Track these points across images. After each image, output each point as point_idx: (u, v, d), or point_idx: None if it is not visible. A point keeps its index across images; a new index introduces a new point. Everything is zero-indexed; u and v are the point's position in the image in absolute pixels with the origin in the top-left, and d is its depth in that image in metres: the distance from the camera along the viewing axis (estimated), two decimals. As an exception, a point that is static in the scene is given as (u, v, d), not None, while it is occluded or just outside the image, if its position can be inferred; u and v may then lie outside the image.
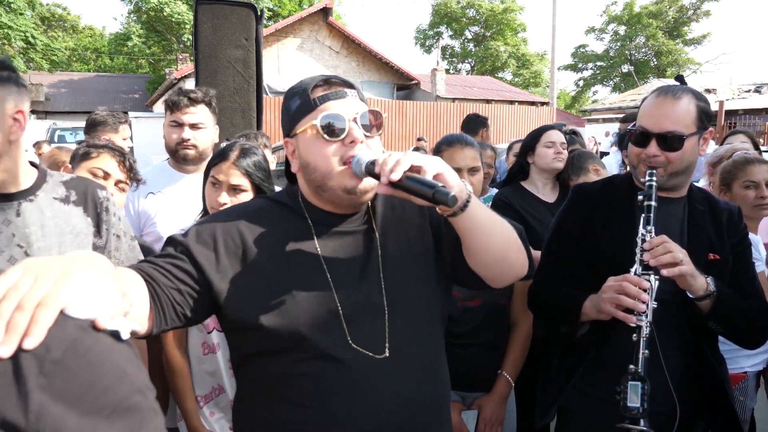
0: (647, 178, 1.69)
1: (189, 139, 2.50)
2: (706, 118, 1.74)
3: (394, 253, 1.36)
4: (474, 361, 2.20)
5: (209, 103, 2.57)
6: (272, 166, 3.18)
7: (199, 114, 2.52)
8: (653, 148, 1.70)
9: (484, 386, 2.23)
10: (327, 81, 1.33)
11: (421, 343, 1.34)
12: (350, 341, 1.26)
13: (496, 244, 1.33)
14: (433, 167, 1.16)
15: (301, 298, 1.27)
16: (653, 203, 1.65)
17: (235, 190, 2.00)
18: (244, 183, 2.00)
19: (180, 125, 2.51)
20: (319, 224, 1.35)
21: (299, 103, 1.31)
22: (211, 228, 1.32)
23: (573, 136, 3.87)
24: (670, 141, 1.69)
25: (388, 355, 1.28)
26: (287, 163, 1.42)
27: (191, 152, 2.52)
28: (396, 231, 1.39)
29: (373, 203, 1.41)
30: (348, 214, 1.37)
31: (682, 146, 1.69)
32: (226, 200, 1.98)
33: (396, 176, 1.13)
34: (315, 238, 1.34)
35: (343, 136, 1.26)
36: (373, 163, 1.21)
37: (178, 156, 2.56)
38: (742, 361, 2.41)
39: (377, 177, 1.19)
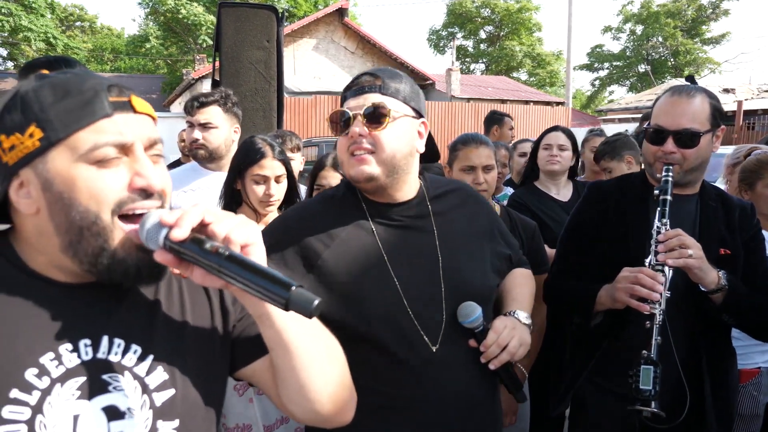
0: (664, 174, 1.74)
1: (198, 139, 2.62)
2: (719, 115, 1.79)
3: (454, 246, 1.43)
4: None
5: (223, 103, 2.65)
6: (300, 167, 3.26)
7: (209, 114, 2.62)
8: (670, 145, 1.75)
9: (499, 377, 2.29)
10: (359, 76, 1.42)
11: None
12: (421, 332, 1.34)
13: None
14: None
15: (369, 295, 1.35)
16: (669, 197, 1.70)
17: (277, 181, 2.19)
18: (284, 171, 2.21)
19: (192, 126, 2.65)
20: (375, 216, 1.43)
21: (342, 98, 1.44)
22: (272, 242, 1.26)
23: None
24: (687, 138, 1.74)
25: (439, 347, 1.36)
26: None
27: (201, 152, 2.64)
28: (453, 224, 1.47)
29: (426, 193, 1.48)
30: (396, 203, 1.43)
31: (698, 143, 1.74)
32: (275, 191, 2.17)
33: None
34: (375, 233, 1.41)
35: (347, 131, 1.36)
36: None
37: (192, 156, 2.70)
38: (756, 356, 2.42)
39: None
